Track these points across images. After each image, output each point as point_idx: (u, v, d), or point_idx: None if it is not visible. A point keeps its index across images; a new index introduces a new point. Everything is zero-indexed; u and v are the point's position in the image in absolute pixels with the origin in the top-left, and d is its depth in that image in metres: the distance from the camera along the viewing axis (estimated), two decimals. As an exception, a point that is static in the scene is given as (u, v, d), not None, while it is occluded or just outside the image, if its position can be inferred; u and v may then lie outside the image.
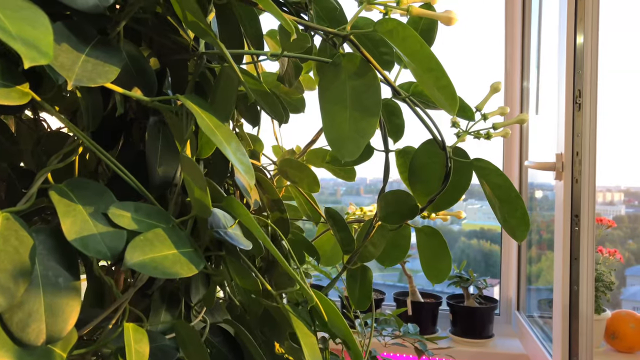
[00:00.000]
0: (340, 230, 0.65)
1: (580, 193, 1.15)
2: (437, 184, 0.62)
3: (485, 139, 0.57)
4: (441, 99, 0.38)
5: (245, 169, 0.36)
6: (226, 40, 0.51)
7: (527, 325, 1.61)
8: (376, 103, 0.45)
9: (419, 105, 0.48)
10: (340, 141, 0.46)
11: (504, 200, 0.52)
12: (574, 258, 1.16)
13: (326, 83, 0.46)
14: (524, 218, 0.51)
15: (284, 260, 0.39)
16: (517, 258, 1.77)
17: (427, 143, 0.60)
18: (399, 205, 0.61)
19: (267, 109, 0.48)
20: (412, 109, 0.48)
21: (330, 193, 2.81)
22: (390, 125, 0.65)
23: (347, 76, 0.46)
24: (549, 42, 1.50)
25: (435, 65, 0.37)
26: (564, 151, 1.16)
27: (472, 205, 4.66)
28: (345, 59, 0.45)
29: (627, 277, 2.89)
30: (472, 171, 0.57)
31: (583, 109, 1.16)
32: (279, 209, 0.69)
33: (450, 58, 1.90)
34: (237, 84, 0.37)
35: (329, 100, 0.46)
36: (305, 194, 0.74)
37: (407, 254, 0.74)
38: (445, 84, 0.37)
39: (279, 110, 0.47)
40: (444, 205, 0.63)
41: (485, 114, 0.56)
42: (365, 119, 0.46)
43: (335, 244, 0.81)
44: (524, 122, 0.56)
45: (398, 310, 1.51)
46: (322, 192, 2.55)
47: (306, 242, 0.71)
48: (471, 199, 4.81)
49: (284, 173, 0.72)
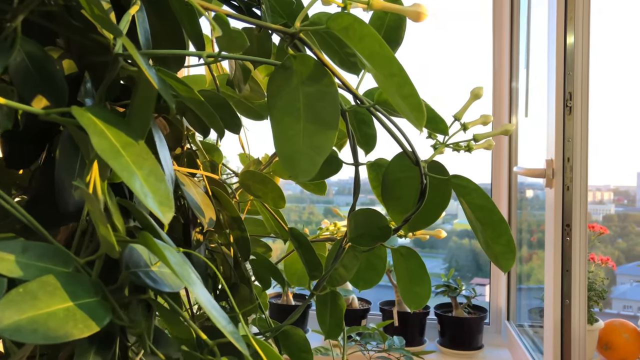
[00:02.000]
0: (306, 253, 0.58)
1: (572, 201, 1.09)
2: (412, 201, 0.55)
3: (466, 152, 0.50)
4: (405, 109, 0.32)
5: (159, 201, 0.29)
6: (164, 40, 0.44)
7: (517, 336, 1.55)
8: (333, 113, 0.38)
9: (386, 115, 0.41)
10: (294, 158, 0.39)
11: (487, 224, 0.45)
12: (566, 270, 1.10)
13: (276, 89, 0.39)
14: (509, 245, 0.44)
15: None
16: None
17: (400, 156, 0.53)
18: (370, 227, 0.54)
19: (204, 119, 0.41)
20: (377, 119, 0.41)
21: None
22: (361, 135, 0.58)
23: (299, 81, 0.39)
24: (538, 41, 1.44)
25: (397, 70, 0.31)
26: (555, 157, 1.10)
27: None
28: (297, 62, 0.38)
29: (617, 276, 2.86)
30: (450, 188, 0.50)
31: (574, 112, 1.10)
32: (238, 227, 0.62)
33: (435, 59, 1.82)
34: (154, 92, 0.30)
35: (280, 110, 0.39)
36: (271, 209, 0.67)
37: (382, 276, 0.67)
38: (408, 92, 0.30)
39: (216, 121, 0.40)
40: (421, 225, 0.56)
41: (466, 123, 0.49)
42: (322, 132, 0.39)
43: (307, 262, 0.74)
44: (509, 133, 0.49)
45: (383, 323, 1.44)
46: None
47: (268, 264, 0.64)
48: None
49: (246, 187, 0.65)
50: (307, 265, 0.58)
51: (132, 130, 0.31)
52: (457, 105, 0.53)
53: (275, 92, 0.39)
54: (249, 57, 0.38)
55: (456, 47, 2.26)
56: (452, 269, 1.68)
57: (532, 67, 1.54)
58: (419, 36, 2.32)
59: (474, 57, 2.19)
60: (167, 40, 0.45)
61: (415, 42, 2.07)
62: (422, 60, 2.12)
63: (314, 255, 0.58)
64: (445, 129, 0.43)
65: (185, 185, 0.58)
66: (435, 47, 2.14)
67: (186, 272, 0.33)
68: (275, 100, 0.39)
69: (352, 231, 0.55)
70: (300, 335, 0.62)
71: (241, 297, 0.67)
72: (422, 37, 2.29)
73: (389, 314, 1.66)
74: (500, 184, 1.68)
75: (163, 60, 0.46)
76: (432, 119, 0.41)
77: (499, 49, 1.71)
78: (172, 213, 0.29)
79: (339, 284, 0.62)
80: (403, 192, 0.55)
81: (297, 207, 2.98)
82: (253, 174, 0.63)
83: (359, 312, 1.67)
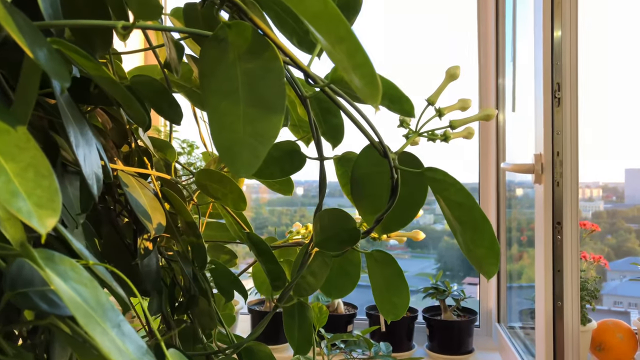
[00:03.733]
0: (267, 261, 0.51)
1: (562, 197, 1.04)
2: (385, 199, 0.49)
3: (442, 141, 0.43)
4: (358, 83, 0.25)
5: (36, 202, 0.22)
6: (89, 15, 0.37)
7: (508, 338, 1.49)
8: (279, 93, 0.32)
9: (344, 97, 0.35)
10: (233, 149, 0.32)
11: (467, 224, 0.39)
12: (557, 270, 1.04)
13: (209, 67, 0.32)
14: (492, 248, 0.38)
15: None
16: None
17: (369, 147, 0.47)
18: (337, 229, 0.47)
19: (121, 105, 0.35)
20: (333, 100, 0.35)
21: (313, 195, 2.68)
22: (327, 126, 0.51)
23: (236, 56, 0.32)
24: (524, 34, 1.38)
25: (345, 33, 0.24)
26: (543, 151, 1.04)
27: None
28: (233, 32, 0.32)
29: (607, 272, 2.85)
30: (426, 183, 0.44)
31: (563, 104, 1.04)
32: (194, 233, 0.55)
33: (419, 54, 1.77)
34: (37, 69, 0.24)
35: (215, 92, 0.33)
36: (232, 213, 0.60)
37: (357, 283, 0.60)
38: (360, 61, 0.24)
39: (134, 106, 0.33)
40: (395, 226, 0.49)
41: (441, 108, 0.43)
42: (265, 116, 0.32)
43: (278, 269, 0.67)
44: (490, 118, 0.43)
45: (369, 329, 1.38)
46: (305, 194, 2.40)
47: (229, 274, 0.57)
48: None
49: (203, 187, 0.58)
50: (268, 274, 0.52)
51: (9, 116, 0.24)
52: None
53: (208, 70, 0.32)
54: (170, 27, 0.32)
55: (440, 42, 2.21)
56: (440, 271, 1.62)
57: (519, 59, 1.48)
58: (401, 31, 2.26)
59: (459, 52, 2.14)
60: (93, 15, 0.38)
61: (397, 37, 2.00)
62: (405, 56, 2.06)
63: (276, 264, 0.51)
64: (411, 110, 0.37)
65: (129, 187, 0.51)
66: (418, 42, 2.09)
67: (91, 296, 0.27)
68: (208, 80, 0.32)
69: (317, 235, 0.49)
70: (265, 352, 0.55)
71: (201, 310, 0.60)
72: (404, 31, 2.24)
73: (375, 318, 1.60)
74: (488, 181, 1.63)
75: (88, 41, 0.39)
76: (395, 97, 0.34)
77: (484, 43, 1.66)
78: (54, 218, 0.23)
79: (308, 294, 0.55)
80: (374, 189, 0.49)
81: (288, 211, 2.92)
82: (210, 172, 0.57)
83: (345, 317, 1.60)
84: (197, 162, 1.74)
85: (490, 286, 1.68)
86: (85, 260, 0.30)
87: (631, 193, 3.93)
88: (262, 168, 0.53)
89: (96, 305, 0.26)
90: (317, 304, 1.17)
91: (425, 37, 2.16)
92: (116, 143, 0.57)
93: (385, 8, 2.01)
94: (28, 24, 0.26)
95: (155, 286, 0.56)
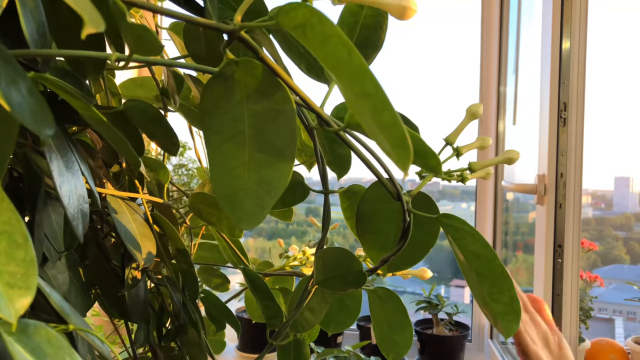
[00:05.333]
0: (263, 298, 0.48)
1: (565, 220, 1.01)
2: (393, 237, 0.45)
3: (459, 182, 0.40)
4: (384, 143, 0.22)
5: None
6: (79, 39, 0.33)
7: (500, 355, 1.47)
8: (289, 139, 0.29)
9: (360, 141, 0.32)
10: (235, 197, 0.29)
11: (485, 277, 0.36)
12: (557, 294, 1.02)
13: (212, 106, 0.29)
14: (512, 304, 0.35)
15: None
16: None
17: (378, 184, 0.43)
18: (341, 270, 0.44)
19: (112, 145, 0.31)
20: (349, 145, 0.32)
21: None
22: (333, 156, 0.48)
23: (244, 96, 0.29)
24: (528, 46, 1.36)
25: (372, 88, 0.21)
26: (547, 172, 1.02)
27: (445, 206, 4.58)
28: (241, 69, 0.28)
29: (594, 287, 2.85)
30: (439, 226, 0.41)
31: (568, 124, 1.01)
32: (185, 261, 0.52)
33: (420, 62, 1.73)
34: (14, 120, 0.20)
35: (218, 133, 0.29)
36: (228, 240, 0.57)
37: (356, 318, 0.57)
38: (388, 121, 0.21)
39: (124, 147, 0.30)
40: (403, 266, 0.46)
41: (459, 147, 0.40)
42: (273, 163, 0.29)
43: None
44: (513, 161, 0.39)
45: (359, 344, 1.35)
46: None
47: (220, 305, 0.54)
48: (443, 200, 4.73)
49: (197, 211, 0.55)
50: (264, 311, 0.48)
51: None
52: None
53: (211, 109, 0.29)
54: (168, 61, 0.28)
55: (443, 49, 2.19)
56: (433, 284, 1.60)
57: (522, 72, 1.46)
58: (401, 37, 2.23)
59: (461, 59, 2.11)
60: (85, 42, 0.34)
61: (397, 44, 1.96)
62: (405, 62, 2.03)
63: (272, 300, 0.48)
64: (438, 167, 0.34)
65: (118, 213, 0.48)
66: (420, 49, 2.06)
67: None
68: (211, 120, 0.29)
69: (319, 273, 0.46)
70: (257, 389, 0.52)
71: (189, 339, 0.56)
72: (404, 38, 2.20)
73: (366, 330, 1.57)
74: (486, 199, 1.60)
75: (79, 65, 0.36)
76: (421, 152, 0.31)
77: (487, 51, 1.63)
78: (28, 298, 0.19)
79: (305, 330, 0.52)
80: (382, 226, 0.46)
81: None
82: (204, 196, 0.53)
83: (335, 328, 1.57)
84: (188, 163, 1.70)
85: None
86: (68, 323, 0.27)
87: (619, 201, 3.95)
88: (261, 196, 0.50)
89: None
90: (309, 319, 1.14)
91: (427, 44, 2.13)
92: (106, 162, 0.54)
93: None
94: (4, 57, 0.22)
95: (143, 317, 0.53)
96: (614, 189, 4.43)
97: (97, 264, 0.57)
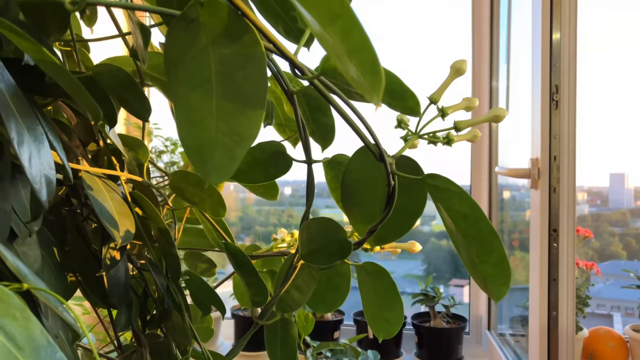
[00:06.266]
0: (247, 275, 0.46)
1: (559, 204, 1.00)
2: (379, 207, 0.44)
3: (445, 145, 0.39)
4: (355, 72, 0.20)
5: None
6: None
7: (498, 346, 1.46)
8: (259, 85, 0.27)
9: (336, 92, 0.30)
10: (203, 149, 0.27)
11: (473, 238, 0.34)
12: (553, 279, 1.01)
13: (177, 52, 0.27)
14: (501, 265, 0.33)
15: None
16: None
17: (363, 151, 0.42)
18: (326, 241, 0.43)
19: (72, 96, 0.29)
20: (323, 94, 0.30)
21: (301, 195, 2.63)
22: (316, 126, 0.46)
23: (209, 40, 0.27)
24: (519, 34, 1.35)
25: (339, 8, 0.19)
26: (540, 155, 1.00)
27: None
28: (206, 11, 0.27)
29: (590, 276, 2.85)
30: (425, 191, 0.39)
31: (561, 106, 1.00)
32: (167, 241, 0.50)
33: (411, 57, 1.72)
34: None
35: (183, 82, 0.27)
36: (211, 219, 0.55)
37: (346, 297, 0.56)
38: (357, 43, 0.19)
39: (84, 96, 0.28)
40: (390, 237, 0.45)
41: (444, 108, 0.38)
42: (243, 112, 0.27)
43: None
44: (500, 119, 0.38)
45: (356, 337, 1.33)
46: (293, 194, 2.34)
47: (205, 287, 0.52)
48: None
49: (178, 191, 0.53)
50: (248, 289, 0.47)
51: None
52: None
53: (176, 56, 0.27)
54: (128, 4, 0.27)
55: (434, 44, 2.17)
56: (430, 277, 1.58)
57: (513, 60, 1.45)
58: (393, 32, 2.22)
59: (452, 55, 2.10)
60: None
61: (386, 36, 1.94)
62: (395, 56, 2.02)
63: (256, 277, 0.46)
64: (417, 108, 0.32)
65: (94, 190, 0.46)
66: (411, 43, 2.05)
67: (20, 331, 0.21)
68: (176, 68, 0.27)
69: (304, 246, 0.44)
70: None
71: (174, 325, 0.54)
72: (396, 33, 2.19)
73: (363, 325, 1.55)
74: (480, 185, 1.59)
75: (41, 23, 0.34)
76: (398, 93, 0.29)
77: (478, 45, 1.62)
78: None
79: (292, 310, 0.50)
80: (367, 196, 0.44)
81: (276, 210, 2.88)
82: (186, 174, 0.52)
83: (332, 323, 1.55)
84: (180, 161, 1.68)
85: (480, 292, 1.64)
86: (21, 281, 0.25)
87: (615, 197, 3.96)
88: (244, 172, 0.48)
89: (25, 343, 0.21)
90: (303, 312, 1.12)
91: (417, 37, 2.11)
92: (82, 141, 0.52)
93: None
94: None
95: (123, 300, 0.51)
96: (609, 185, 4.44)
97: (77, 249, 0.55)
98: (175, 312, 0.53)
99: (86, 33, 0.53)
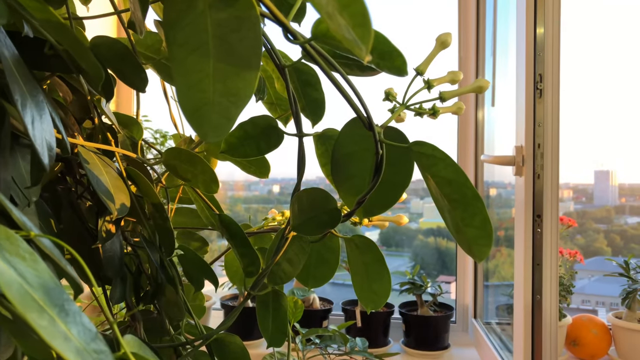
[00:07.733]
0: (239, 244, 0.47)
1: (543, 190, 1.02)
2: (368, 180, 0.45)
3: (430, 117, 0.40)
4: (346, 27, 0.22)
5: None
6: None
7: (485, 334, 1.49)
8: (253, 47, 0.28)
9: (327, 58, 0.32)
10: (201, 110, 0.29)
11: (457, 202, 0.36)
12: (537, 264, 1.03)
13: (175, 16, 0.29)
14: (484, 227, 0.35)
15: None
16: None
17: (352, 123, 0.43)
18: (316, 211, 0.44)
19: (77, 59, 0.30)
20: (314, 59, 0.31)
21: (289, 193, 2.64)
22: (307, 101, 0.48)
23: (206, 5, 0.29)
24: (505, 24, 1.37)
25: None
26: (524, 143, 1.03)
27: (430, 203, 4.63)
28: (203, -23, 0.28)
29: (574, 264, 2.92)
30: (412, 161, 0.41)
31: (545, 95, 1.03)
32: (160, 216, 0.51)
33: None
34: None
35: (181, 46, 0.29)
36: (203, 195, 0.57)
37: (335, 272, 0.57)
38: (349, -3, 0.20)
39: (89, 60, 0.29)
40: (378, 209, 0.46)
41: (430, 80, 0.40)
42: (238, 73, 0.28)
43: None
44: (482, 90, 0.40)
45: (344, 324, 1.35)
46: (282, 192, 2.33)
47: (198, 261, 0.53)
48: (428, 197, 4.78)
49: (171, 168, 0.54)
50: (241, 259, 0.48)
51: None
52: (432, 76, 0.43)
53: (173, 20, 0.28)
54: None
55: (420, 37, 2.19)
56: (417, 266, 1.61)
57: (499, 52, 1.47)
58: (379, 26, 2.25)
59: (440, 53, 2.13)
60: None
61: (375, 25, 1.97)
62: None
63: (249, 247, 0.47)
64: (404, 67, 0.34)
65: (90, 164, 0.47)
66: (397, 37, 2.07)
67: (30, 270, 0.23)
68: (174, 32, 0.29)
69: (295, 217, 0.45)
70: (237, 343, 0.52)
71: (167, 300, 0.56)
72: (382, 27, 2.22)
73: (351, 314, 1.57)
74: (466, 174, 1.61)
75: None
76: (386, 52, 0.31)
77: (464, 38, 1.64)
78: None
79: (283, 282, 0.52)
80: (357, 169, 0.45)
81: (264, 208, 2.89)
82: (179, 151, 0.53)
83: (320, 312, 1.57)
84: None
85: (467, 282, 1.67)
86: (27, 231, 0.26)
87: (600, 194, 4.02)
88: (236, 146, 0.49)
89: (35, 282, 0.22)
90: (292, 298, 1.14)
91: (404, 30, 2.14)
92: (77, 119, 0.53)
93: None
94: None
95: (118, 273, 0.52)
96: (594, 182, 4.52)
97: (71, 226, 0.56)
98: (169, 287, 0.54)
99: (81, 11, 0.54)
